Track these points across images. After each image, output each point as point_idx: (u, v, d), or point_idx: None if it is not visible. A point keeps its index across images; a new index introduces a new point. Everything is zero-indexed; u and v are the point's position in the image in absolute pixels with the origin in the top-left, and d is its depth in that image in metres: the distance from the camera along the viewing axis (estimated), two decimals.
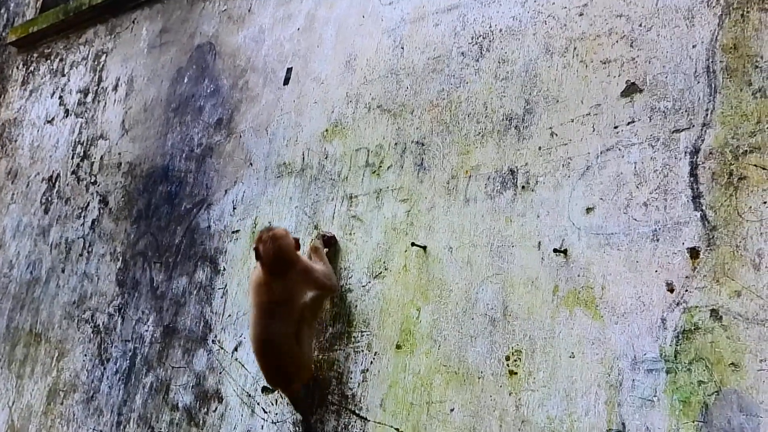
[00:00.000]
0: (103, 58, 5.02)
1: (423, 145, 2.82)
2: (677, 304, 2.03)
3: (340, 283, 2.89)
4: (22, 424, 4.22)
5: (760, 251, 1.94)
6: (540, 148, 2.47)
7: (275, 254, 2.61)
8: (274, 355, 2.66)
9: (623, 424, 2.03)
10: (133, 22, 4.82)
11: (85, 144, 4.80)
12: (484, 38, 2.79)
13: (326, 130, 3.22)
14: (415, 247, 2.67)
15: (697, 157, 2.12)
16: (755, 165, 2.01)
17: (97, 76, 5.00)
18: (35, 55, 5.75)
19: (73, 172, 4.78)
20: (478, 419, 2.31)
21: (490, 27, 2.79)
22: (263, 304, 2.66)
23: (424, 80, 2.92)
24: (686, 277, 2.04)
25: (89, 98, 4.98)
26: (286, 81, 3.53)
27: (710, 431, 1.88)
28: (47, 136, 5.24)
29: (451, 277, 2.54)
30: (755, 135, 2.03)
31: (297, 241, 2.76)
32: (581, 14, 2.53)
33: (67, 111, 5.15)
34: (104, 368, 3.85)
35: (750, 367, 1.87)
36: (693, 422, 1.91)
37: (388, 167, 2.91)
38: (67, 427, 3.91)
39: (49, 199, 4.89)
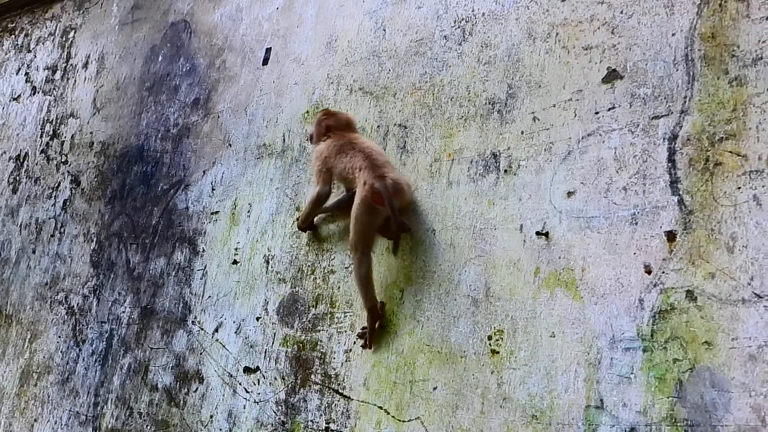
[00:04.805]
0: (72, 34, 4.89)
1: (406, 128, 2.84)
2: (654, 286, 2.11)
3: (323, 264, 2.91)
4: None
5: (733, 235, 2.02)
6: (522, 133, 2.51)
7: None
8: None
9: (601, 400, 2.10)
10: None
11: (54, 122, 4.69)
12: (466, 22, 2.80)
13: (307, 112, 3.22)
14: None
15: (675, 143, 2.18)
16: (730, 151, 2.08)
17: (65, 53, 4.87)
18: None
19: (42, 151, 4.68)
20: (460, 397, 2.37)
21: (473, 11, 2.80)
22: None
23: (407, 63, 2.93)
24: (663, 259, 2.11)
25: (57, 75, 4.85)
26: (265, 61, 3.50)
27: (684, 406, 1.97)
28: (13, 114, 5.10)
29: (434, 259, 2.58)
30: (731, 122, 2.10)
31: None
32: (563, 0, 2.56)
33: (34, 88, 5.01)
34: (80, 350, 3.82)
35: (722, 346, 1.95)
36: (668, 398, 1.99)
37: None
38: (42, 408, 3.87)
39: (17, 178, 4.77)
